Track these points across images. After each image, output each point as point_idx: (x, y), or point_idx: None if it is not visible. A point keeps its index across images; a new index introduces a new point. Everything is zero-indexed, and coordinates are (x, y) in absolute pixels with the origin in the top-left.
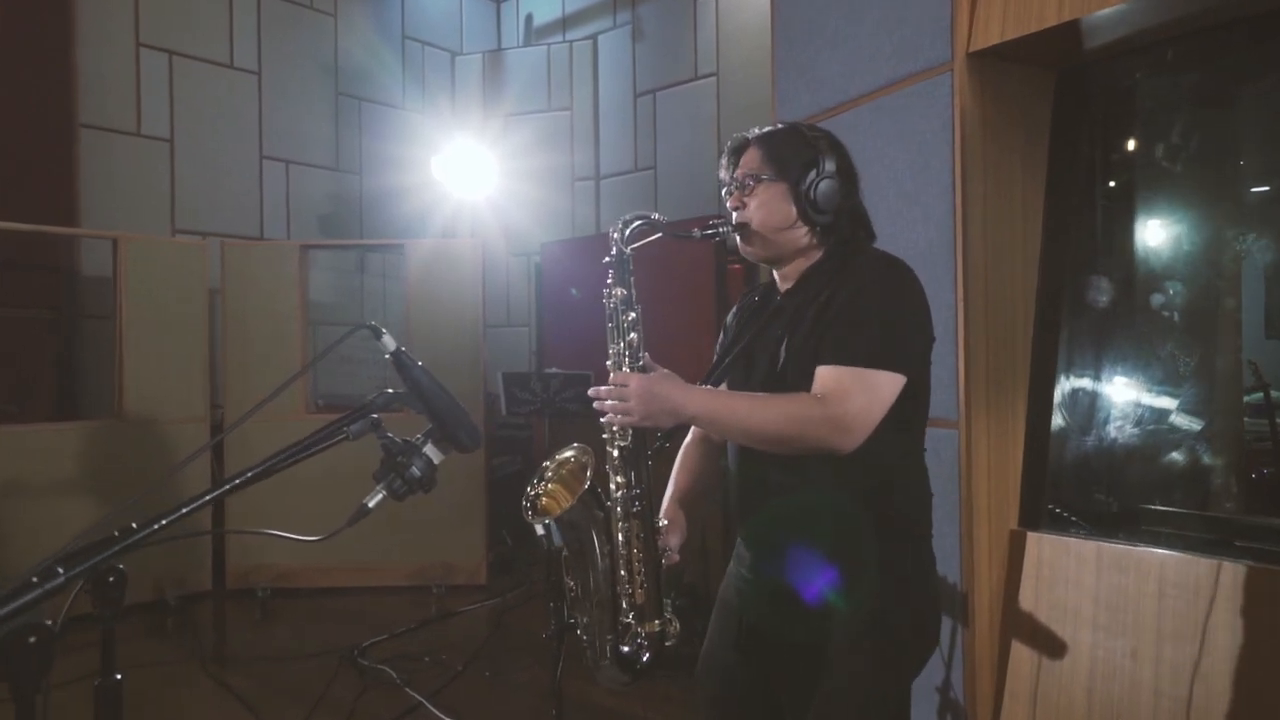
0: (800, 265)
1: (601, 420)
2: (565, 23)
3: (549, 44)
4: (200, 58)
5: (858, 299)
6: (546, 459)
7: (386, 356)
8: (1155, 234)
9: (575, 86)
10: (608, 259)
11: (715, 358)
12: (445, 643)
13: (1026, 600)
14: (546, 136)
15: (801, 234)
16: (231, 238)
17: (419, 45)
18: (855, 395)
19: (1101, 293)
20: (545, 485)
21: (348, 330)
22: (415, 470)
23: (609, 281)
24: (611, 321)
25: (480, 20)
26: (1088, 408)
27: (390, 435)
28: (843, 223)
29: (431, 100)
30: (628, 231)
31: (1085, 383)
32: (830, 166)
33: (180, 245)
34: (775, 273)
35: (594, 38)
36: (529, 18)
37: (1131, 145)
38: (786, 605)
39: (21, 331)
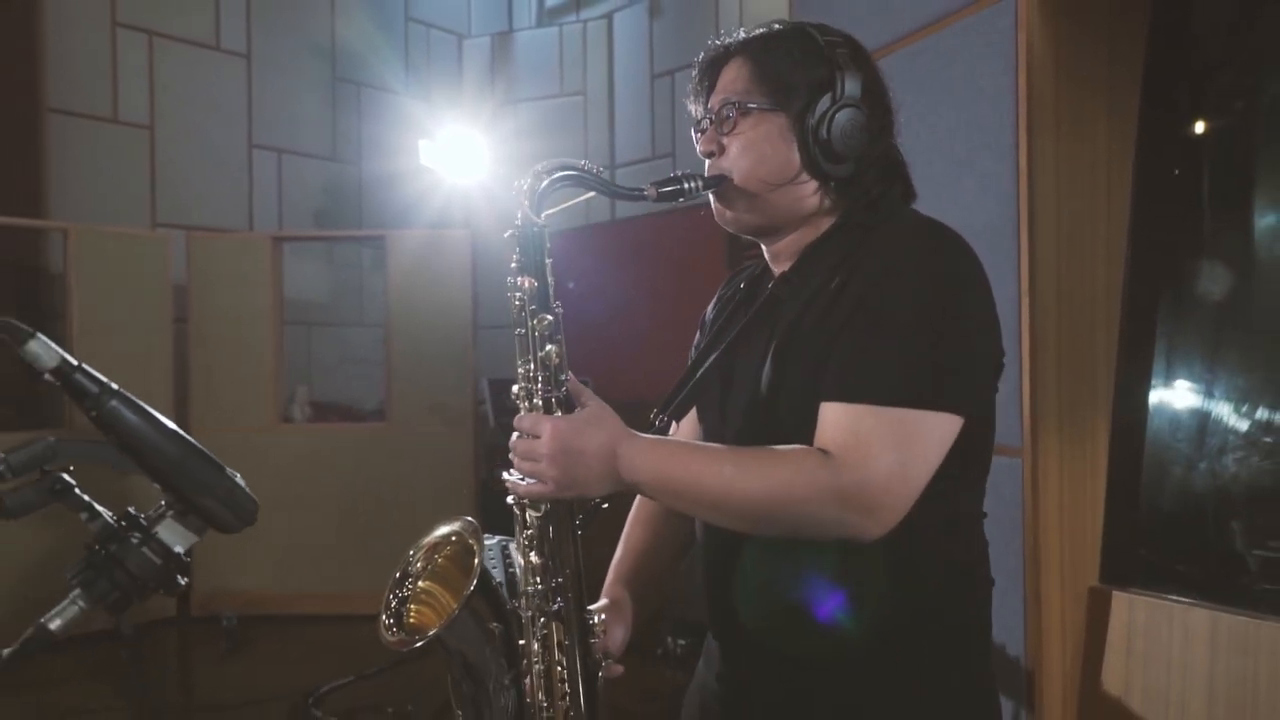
0: (801, 238)
1: (504, 480)
2: (579, 1)
3: (561, 24)
4: (183, 39)
5: (884, 291)
6: (414, 544)
7: (46, 377)
8: None
9: (589, 69)
10: (510, 231)
11: (684, 373)
12: (419, 685)
13: (1113, 681)
14: (558, 122)
15: (806, 192)
16: (218, 231)
17: (423, 28)
18: (883, 453)
19: (1214, 282)
20: (414, 586)
21: None
22: (132, 565)
23: (513, 266)
24: (520, 327)
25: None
26: (1194, 430)
27: (95, 507)
28: (868, 177)
29: (436, 86)
30: (542, 186)
31: (1191, 398)
32: (853, 88)
33: (139, 238)
34: (766, 249)
35: (609, 16)
36: None
37: (1255, 88)
38: None
39: None
